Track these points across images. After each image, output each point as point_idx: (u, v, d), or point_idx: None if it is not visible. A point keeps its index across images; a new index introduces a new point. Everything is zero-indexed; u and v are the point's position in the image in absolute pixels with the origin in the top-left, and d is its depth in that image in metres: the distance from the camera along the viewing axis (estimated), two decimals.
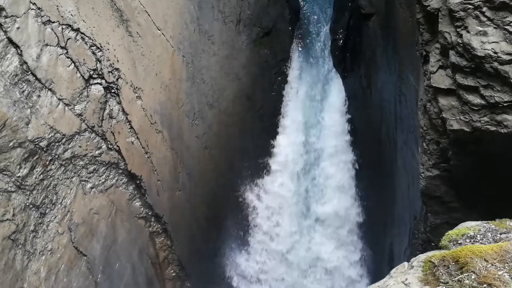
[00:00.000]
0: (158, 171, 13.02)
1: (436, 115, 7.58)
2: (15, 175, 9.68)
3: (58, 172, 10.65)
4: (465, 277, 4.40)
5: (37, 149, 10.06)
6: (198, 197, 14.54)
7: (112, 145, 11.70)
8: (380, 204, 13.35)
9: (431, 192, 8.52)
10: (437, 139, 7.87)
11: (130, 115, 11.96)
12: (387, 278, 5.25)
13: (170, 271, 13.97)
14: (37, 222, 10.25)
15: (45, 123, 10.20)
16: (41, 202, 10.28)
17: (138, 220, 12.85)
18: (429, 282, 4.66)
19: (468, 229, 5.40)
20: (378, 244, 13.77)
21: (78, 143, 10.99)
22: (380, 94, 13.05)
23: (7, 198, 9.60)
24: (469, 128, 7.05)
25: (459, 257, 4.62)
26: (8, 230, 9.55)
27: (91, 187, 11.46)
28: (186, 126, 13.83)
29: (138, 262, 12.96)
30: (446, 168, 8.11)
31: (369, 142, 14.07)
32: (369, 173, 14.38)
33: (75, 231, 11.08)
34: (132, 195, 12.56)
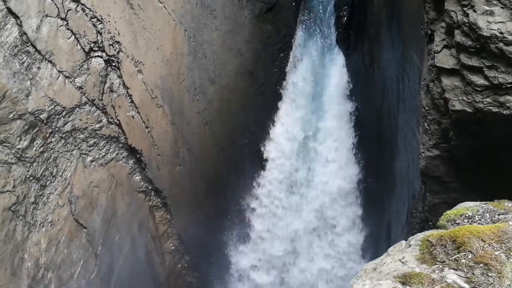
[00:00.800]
0: (158, 145, 13.02)
1: (439, 95, 7.53)
2: (15, 147, 9.69)
3: (58, 144, 10.66)
4: (461, 257, 4.45)
5: (37, 122, 10.05)
6: (198, 172, 14.58)
7: (112, 119, 11.67)
8: (380, 182, 13.41)
9: (430, 172, 8.54)
10: (439, 119, 7.84)
11: (131, 89, 11.89)
12: (384, 256, 5.31)
13: (169, 244, 14.13)
14: (38, 194, 10.31)
15: (45, 95, 10.16)
16: (41, 174, 10.32)
17: (138, 194, 12.92)
18: (426, 261, 4.70)
19: (466, 210, 5.43)
20: (376, 222, 13.88)
21: (78, 116, 10.97)
22: (383, 72, 12.95)
23: (7, 169, 9.64)
24: (472, 109, 7.01)
25: (457, 236, 4.65)
26: (9, 202, 9.62)
27: (91, 160, 11.49)
28: (187, 101, 13.77)
29: (138, 235, 13.10)
30: (446, 148, 8.11)
31: (370, 121, 14.03)
32: (369, 151, 14.39)
33: (75, 203, 11.16)
34: (132, 169, 12.60)
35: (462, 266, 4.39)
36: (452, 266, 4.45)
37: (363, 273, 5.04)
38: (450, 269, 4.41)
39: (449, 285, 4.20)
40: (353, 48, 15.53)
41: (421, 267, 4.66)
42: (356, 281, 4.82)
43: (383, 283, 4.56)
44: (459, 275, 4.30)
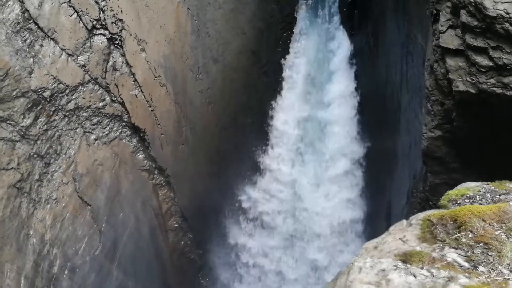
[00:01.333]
0: (161, 124, 13.05)
1: (443, 76, 7.51)
2: (19, 125, 9.73)
3: (62, 123, 10.69)
4: (462, 236, 4.51)
5: (41, 99, 10.07)
6: (201, 151, 14.64)
7: (115, 98, 11.67)
8: (381, 162, 13.46)
9: (432, 153, 8.58)
10: (442, 100, 7.84)
11: (134, 68, 11.86)
12: (385, 234, 5.37)
13: (172, 222, 14.29)
14: (42, 172, 10.40)
15: (48, 73, 10.15)
16: (45, 152, 10.38)
17: (141, 172, 13.01)
18: (427, 240, 4.77)
19: (467, 190, 5.47)
20: (376, 202, 13.98)
21: (81, 95, 10.97)
22: (387, 53, 12.88)
23: (11, 147, 9.70)
24: (475, 90, 7.01)
25: (458, 216, 4.71)
26: (13, 179, 9.71)
27: (95, 138, 11.54)
28: (190, 80, 13.74)
29: (142, 213, 13.24)
30: (448, 129, 8.12)
31: (374, 101, 14.00)
32: (371, 131, 14.40)
33: (79, 181, 11.25)
34: (135, 147, 12.66)
35: (462, 245, 4.45)
36: (453, 245, 4.51)
37: (364, 251, 5.12)
38: (450, 248, 4.48)
39: (449, 264, 4.27)
40: (357, 28, 15.40)
41: (421, 245, 4.72)
42: (357, 259, 4.89)
43: (384, 261, 4.63)
44: (459, 254, 4.36)
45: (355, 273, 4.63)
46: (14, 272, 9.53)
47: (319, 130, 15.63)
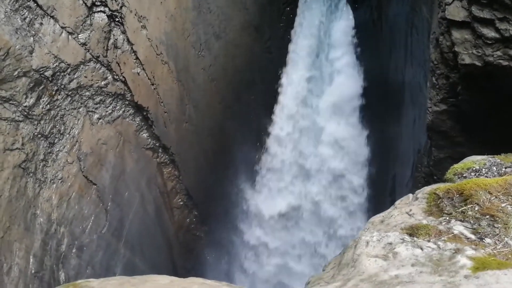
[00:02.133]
0: (164, 102, 13.00)
1: (448, 49, 7.42)
2: (22, 105, 9.72)
3: (64, 102, 10.67)
4: (468, 209, 4.52)
5: (43, 79, 10.03)
6: (205, 129, 14.63)
7: (118, 76, 11.61)
8: (386, 137, 13.43)
9: (437, 127, 8.54)
10: (447, 73, 7.76)
11: (136, 45, 11.76)
12: (391, 208, 5.39)
13: (178, 200, 14.37)
14: (46, 152, 10.42)
15: (49, 52, 10.08)
16: (49, 132, 10.39)
17: (145, 151, 13.03)
18: (433, 213, 4.79)
19: (473, 163, 5.47)
20: (381, 176, 14.00)
21: (83, 73, 10.92)
22: (391, 26, 12.71)
23: (15, 127, 9.70)
24: (481, 63, 6.93)
25: (464, 189, 4.71)
26: (18, 159, 9.74)
27: (98, 117, 11.52)
28: (192, 57, 13.63)
29: (147, 191, 13.31)
30: (454, 103, 8.07)
31: (377, 75, 13.89)
32: (375, 106, 14.32)
33: (84, 160, 11.29)
34: (139, 126, 12.65)
35: (468, 218, 4.47)
36: (459, 218, 4.53)
37: (370, 225, 5.15)
38: (456, 221, 4.50)
39: (455, 236, 4.29)
40: (361, 1, 15.17)
41: (428, 219, 4.75)
42: (364, 233, 4.92)
43: (391, 234, 4.66)
44: (466, 227, 4.38)
45: (362, 246, 4.67)
46: (23, 251, 9.65)
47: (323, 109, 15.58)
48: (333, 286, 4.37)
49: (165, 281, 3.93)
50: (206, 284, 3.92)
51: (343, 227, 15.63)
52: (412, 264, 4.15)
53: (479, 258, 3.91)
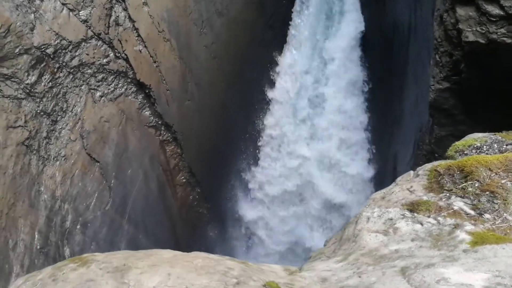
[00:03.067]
0: (167, 80, 12.97)
1: (452, 26, 7.36)
2: (24, 82, 9.73)
3: (66, 80, 10.66)
4: (468, 185, 4.56)
5: (44, 56, 10.00)
6: (207, 107, 14.62)
7: (119, 53, 11.56)
8: (388, 115, 13.41)
9: (439, 105, 8.54)
10: (451, 51, 7.72)
11: (137, 23, 11.67)
12: (392, 185, 5.45)
13: (180, 177, 14.46)
14: (49, 129, 10.47)
15: (50, 29, 10.03)
16: (51, 109, 10.42)
17: (148, 128, 13.06)
18: (433, 190, 4.84)
19: (474, 140, 5.49)
20: (383, 154, 14.03)
21: (85, 51, 10.87)
22: (395, 3, 12.56)
23: (18, 105, 9.73)
24: (485, 40, 6.89)
25: (465, 166, 4.75)
26: (21, 136, 9.80)
27: (100, 95, 11.53)
28: (195, 34, 13.53)
29: (150, 169, 13.39)
30: (456, 81, 8.05)
31: (380, 53, 13.80)
32: (378, 84, 14.28)
33: (87, 138, 11.34)
34: (141, 104, 12.65)
35: (468, 194, 4.52)
36: (459, 194, 4.58)
37: (371, 202, 5.21)
38: (457, 197, 4.55)
39: (455, 212, 4.35)
40: None
41: (428, 195, 4.80)
42: (365, 209, 4.99)
43: (391, 210, 4.72)
44: (466, 203, 4.44)
45: (363, 222, 4.74)
46: (28, 227, 9.78)
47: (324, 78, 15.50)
48: (334, 260, 4.46)
49: (169, 255, 4.01)
50: (209, 258, 4.00)
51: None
52: (412, 239, 4.22)
53: (478, 233, 3.97)
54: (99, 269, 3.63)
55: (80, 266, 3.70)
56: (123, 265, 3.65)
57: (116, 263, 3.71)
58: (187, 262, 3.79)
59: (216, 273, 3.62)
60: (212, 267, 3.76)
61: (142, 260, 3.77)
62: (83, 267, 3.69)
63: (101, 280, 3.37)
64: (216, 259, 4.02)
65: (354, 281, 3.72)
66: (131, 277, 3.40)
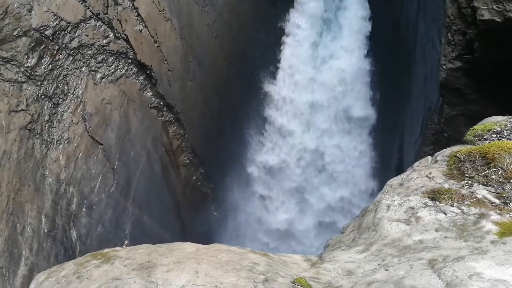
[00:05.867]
0: (168, 60, 12.74)
1: (466, 4, 7.18)
2: (24, 65, 9.53)
3: (66, 62, 10.45)
4: (492, 172, 4.48)
5: (43, 38, 9.77)
6: (209, 87, 14.42)
7: (119, 34, 11.30)
8: (395, 92, 13.26)
9: (451, 84, 8.40)
10: (464, 29, 7.54)
11: (137, 1, 11.38)
12: (410, 171, 5.36)
13: (183, 158, 14.38)
14: (51, 113, 10.32)
15: (48, 10, 9.76)
16: (53, 92, 10.24)
17: (150, 110, 12.90)
18: (454, 177, 4.75)
19: (494, 124, 5.38)
20: (389, 132, 13.92)
21: (84, 32, 10.63)
22: None
23: (19, 88, 9.55)
24: (501, 18, 6.73)
25: (487, 152, 4.65)
26: (24, 120, 9.65)
27: (101, 77, 11.32)
28: (196, 13, 13.22)
29: (153, 150, 13.30)
30: (469, 60, 7.90)
31: (388, 30, 13.54)
32: (384, 61, 14.04)
33: (89, 120, 11.19)
34: (143, 85, 12.46)
35: (492, 181, 4.44)
36: (482, 181, 4.49)
37: (389, 189, 5.12)
38: (479, 185, 4.47)
39: (479, 201, 4.28)
40: None
41: (449, 182, 4.72)
42: (384, 197, 4.90)
43: (412, 198, 4.65)
44: (489, 191, 4.36)
45: (383, 210, 4.67)
46: (34, 211, 9.73)
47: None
48: (355, 250, 4.41)
49: (191, 249, 3.95)
50: (232, 252, 3.94)
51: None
52: (436, 229, 4.16)
53: (504, 223, 3.91)
54: (123, 266, 3.56)
55: (104, 263, 3.64)
56: (148, 262, 3.59)
57: (140, 259, 3.64)
58: (211, 257, 3.72)
59: (242, 270, 3.56)
60: (237, 262, 3.70)
61: (166, 256, 3.70)
62: (107, 264, 3.62)
63: (128, 279, 3.31)
64: (238, 252, 3.96)
65: (382, 275, 3.66)
66: (158, 275, 3.34)
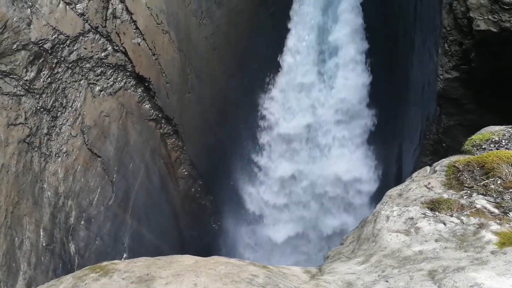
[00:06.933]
0: (166, 73, 12.79)
1: (463, 15, 7.23)
2: (23, 79, 9.56)
3: (65, 75, 10.49)
4: (490, 182, 4.48)
5: (42, 52, 9.81)
6: (208, 99, 14.45)
7: (118, 47, 11.36)
8: (393, 103, 13.29)
9: (448, 94, 8.44)
10: (461, 40, 7.60)
11: (135, 15, 11.45)
12: (408, 181, 5.35)
13: (182, 170, 14.36)
14: (50, 126, 10.33)
15: (47, 23, 9.83)
16: (51, 105, 10.26)
17: (148, 122, 12.92)
18: (453, 187, 4.75)
19: (492, 134, 5.39)
20: (387, 143, 13.92)
21: (83, 45, 10.68)
22: None
23: (17, 102, 9.57)
24: (497, 29, 6.77)
25: (485, 162, 4.66)
26: (23, 134, 9.65)
27: (99, 90, 11.35)
28: (194, 26, 13.31)
29: (151, 162, 13.28)
30: (466, 70, 7.94)
31: (385, 41, 13.61)
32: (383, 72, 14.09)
33: (87, 133, 11.20)
34: (141, 97, 12.49)
35: (491, 191, 4.43)
36: (481, 191, 4.49)
37: (388, 199, 5.11)
38: (478, 195, 4.47)
39: (478, 211, 4.27)
40: None
41: (448, 192, 4.71)
42: (383, 207, 4.89)
43: (411, 209, 4.64)
44: (489, 201, 4.35)
45: (382, 221, 4.66)
46: (33, 224, 9.68)
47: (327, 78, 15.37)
48: (355, 262, 4.38)
49: (190, 261, 3.92)
50: (231, 264, 3.92)
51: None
52: (436, 240, 4.15)
53: (504, 233, 3.89)
54: (122, 279, 3.53)
55: (102, 276, 3.61)
56: (146, 275, 3.56)
57: (138, 273, 3.61)
58: (210, 270, 3.70)
59: (242, 282, 3.54)
60: (236, 275, 3.67)
61: (164, 268, 3.68)
62: (105, 277, 3.59)
63: None
64: (237, 265, 3.93)
65: (382, 287, 3.64)
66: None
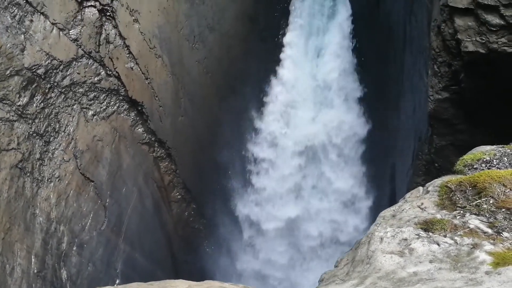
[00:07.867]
0: (159, 97, 12.85)
1: (451, 37, 7.36)
2: (16, 104, 9.57)
3: (58, 100, 10.52)
4: (483, 202, 4.48)
5: (35, 77, 9.86)
6: (200, 122, 14.50)
7: (111, 71, 11.43)
8: (385, 125, 13.39)
9: (439, 115, 8.51)
10: (450, 61, 7.71)
11: (128, 40, 11.56)
12: (402, 202, 5.35)
13: (175, 193, 14.29)
14: (42, 150, 10.29)
15: (40, 49, 9.90)
16: (44, 130, 10.25)
17: (141, 145, 12.90)
18: (446, 207, 4.74)
19: (483, 154, 5.42)
20: (380, 164, 13.97)
21: (76, 70, 10.75)
22: (389, 13, 12.59)
23: (10, 127, 9.55)
24: (485, 50, 6.89)
25: (477, 182, 4.67)
26: (15, 159, 9.60)
27: (92, 114, 11.37)
28: (187, 50, 13.44)
29: (144, 186, 13.21)
30: (456, 91, 8.04)
31: (375, 63, 13.79)
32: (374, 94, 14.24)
33: (80, 158, 11.16)
34: (134, 121, 12.51)
35: (484, 211, 4.43)
36: (474, 211, 4.49)
37: (382, 220, 5.09)
38: (471, 215, 4.46)
39: (472, 231, 4.26)
40: None
41: (441, 213, 4.71)
42: (376, 229, 4.87)
43: (405, 230, 4.62)
44: (482, 220, 4.35)
45: (376, 243, 4.63)
46: (24, 251, 9.55)
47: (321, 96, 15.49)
48: (350, 284, 4.34)
49: (183, 286, 3.86)
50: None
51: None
52: (430, 261, 4.12)
53: (498, 253, 3.88)
54: None
55: None
56: None
57: None
58: None
59: None
60: None
61: None
62: None
63: None
64: None
65: None
66: None
